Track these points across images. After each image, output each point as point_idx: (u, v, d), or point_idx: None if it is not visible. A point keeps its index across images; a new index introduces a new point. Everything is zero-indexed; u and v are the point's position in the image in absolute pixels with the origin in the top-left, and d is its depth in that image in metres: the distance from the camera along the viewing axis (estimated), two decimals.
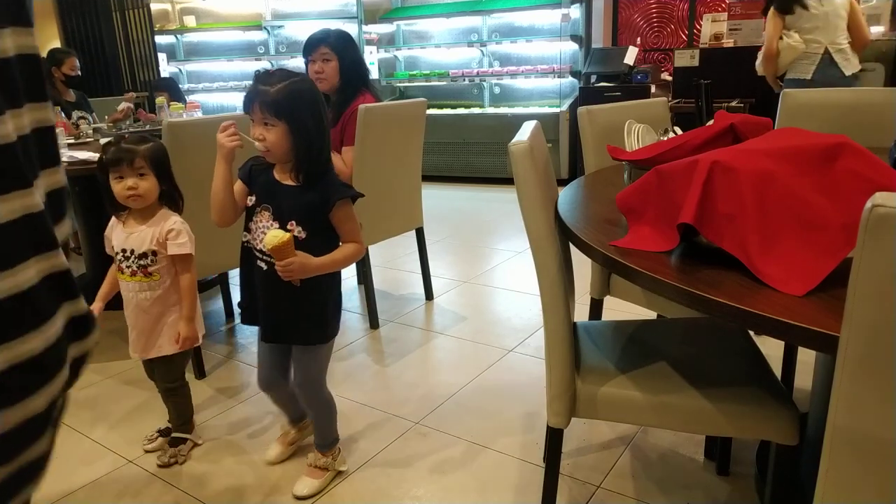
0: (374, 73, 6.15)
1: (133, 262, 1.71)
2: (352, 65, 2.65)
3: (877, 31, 4.46)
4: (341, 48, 2.62)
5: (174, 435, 1.89)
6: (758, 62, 3.76)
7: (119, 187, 1.67)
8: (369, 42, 6.26)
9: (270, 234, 1.40)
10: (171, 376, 1.86)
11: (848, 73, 3.49)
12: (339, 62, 2.62)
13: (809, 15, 3.47)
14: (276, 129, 1.43)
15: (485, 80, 6.25)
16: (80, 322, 0.60)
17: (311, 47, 2.61)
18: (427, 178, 3.19)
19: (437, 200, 5.29)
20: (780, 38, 3.50)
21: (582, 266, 1.73)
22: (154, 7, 6.55)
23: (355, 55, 2.69)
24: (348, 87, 2.65)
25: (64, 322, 0.57)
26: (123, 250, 1.72)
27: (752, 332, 1.49)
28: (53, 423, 0.59)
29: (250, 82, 1.47)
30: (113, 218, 1.76)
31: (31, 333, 0.52)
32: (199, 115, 3.42)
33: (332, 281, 1.59)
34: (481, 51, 6.30)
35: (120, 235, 1.73)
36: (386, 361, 2.46)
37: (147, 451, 1.90)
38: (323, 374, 1.69)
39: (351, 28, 6.05)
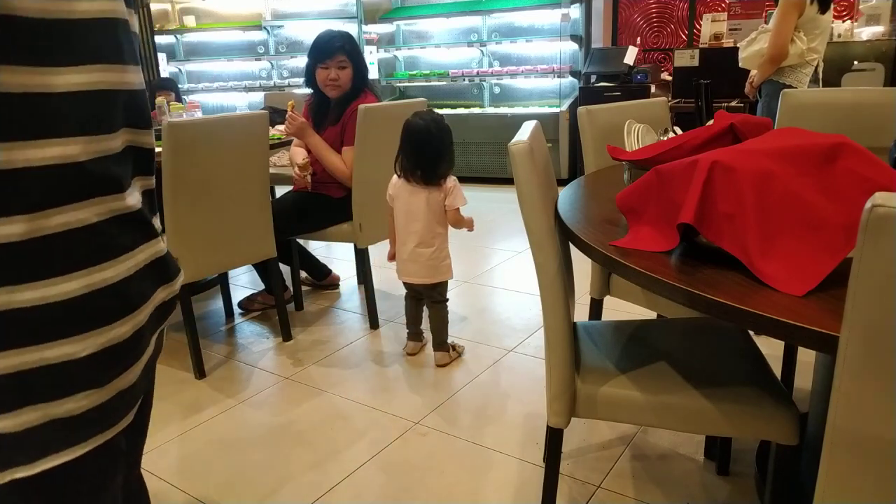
0: (373, 73, 6.15)
1: None
2: (360, 68, 2.67)
3: (877, 31, 4.46)
4: (355, 54, 2.63)
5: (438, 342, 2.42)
6: (745, 54, 3.36)
7: None
8: (369, 42, 6.26)
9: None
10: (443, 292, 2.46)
11: (821, 86, 3.26)
12: (353, 69, 2.63)
13: (820, 20, 3.12)
14: None
15: (485, 80, 6.24)
16: (161, 263, 0.70)
17: (328, 54, 2.58)
18: None
19: None
20: (792, 40, 3.11)
21: (582, 266, 1.73)
22: (154, 7, 6.53)
23: (363, 59, 2.71)
24: (350, 88, 2.65)
25: (145, 259, 0.68)
26: None
27: (752, 332, 1.50)
28: (144, 357, 0.68)
29: (250, 82, 1.47)
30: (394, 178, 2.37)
31: (107, 263, 0.62)
32: (199, 115, 3.41)
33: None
34: (481, 51, 6.30)
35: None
36: (386, 361, 2.46)
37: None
38: None
39: (351, 28, 6.05)
